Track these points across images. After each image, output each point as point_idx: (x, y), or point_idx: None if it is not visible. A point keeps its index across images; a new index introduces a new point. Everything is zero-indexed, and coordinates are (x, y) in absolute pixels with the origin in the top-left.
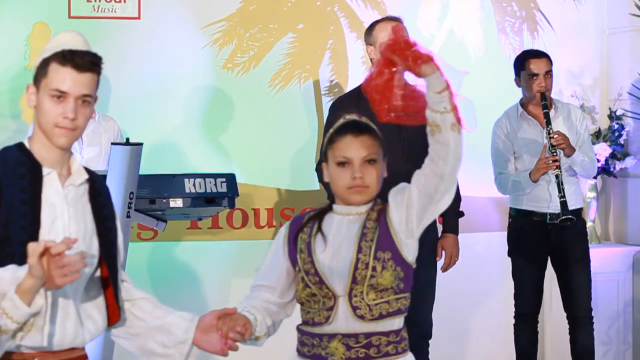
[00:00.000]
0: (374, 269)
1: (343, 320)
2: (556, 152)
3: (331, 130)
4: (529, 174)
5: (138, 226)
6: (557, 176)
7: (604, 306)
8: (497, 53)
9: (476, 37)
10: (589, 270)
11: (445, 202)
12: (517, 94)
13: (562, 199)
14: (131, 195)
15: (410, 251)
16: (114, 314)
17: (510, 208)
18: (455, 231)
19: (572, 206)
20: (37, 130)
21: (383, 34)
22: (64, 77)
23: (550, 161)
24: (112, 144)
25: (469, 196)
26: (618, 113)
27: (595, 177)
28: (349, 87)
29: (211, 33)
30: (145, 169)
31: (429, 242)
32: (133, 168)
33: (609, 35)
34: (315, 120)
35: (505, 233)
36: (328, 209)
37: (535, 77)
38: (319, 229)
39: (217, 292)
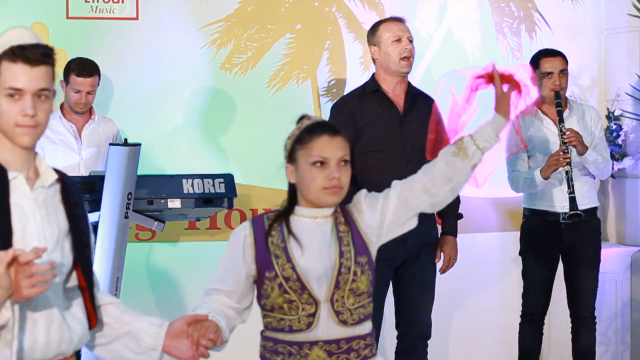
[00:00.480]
0: (355, 273)
1: (324, 327)
2: (568, 149)
3: (300, 131)
4: (540, 170)
5: (136, 227)
6: (567, 172)
7: (602, 306)
8: (495, 53)
9: (474, 37)
10: (597, 271)
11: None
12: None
13: (570, 195)
14: (129, 196)
15: (374, 256)
16: (92, 318)
17: (525, 208)
18: (454, 233)
19: (585, 205)
20: None
21: (388, 34)
22: (17, 74)
23: (561, 158)
24: (110, 144)
25: (467, 197)
26: (616, 114)
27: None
28: (347, 87)
29: (209, 33)
30: (144, 169)
31: (429, 243)
32: (131, 168)
33: (607, 35)
34: None
35: (503, 234)
36: (289, 211)
37: (549, 76)
38: (291, 233)
39: None
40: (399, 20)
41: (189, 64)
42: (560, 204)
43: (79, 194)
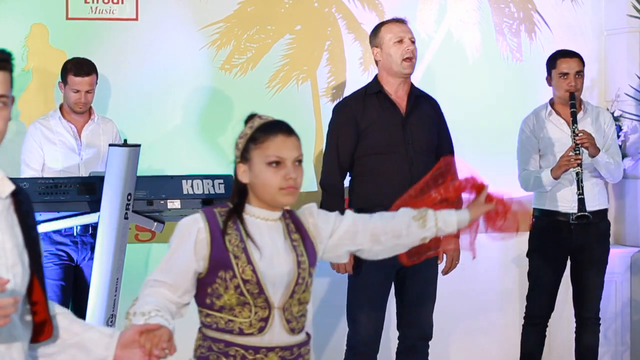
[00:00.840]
0: (306, 284)
1: (276, 333)
2: (579, 150)
3: (253, 130)
4: (551, 170)
5: (136, 227)
6: (577, 173)
7: (601, 307)
8: (494, 54)
9: (474, 38)
10: (604, 273)
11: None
12: (515, 95)
13: (580, 196)
14: (129, 197)
15: None
16: (48, 328)
17: (534, 209)
18: (456, 234)
19: (595, 207)
20: None
21: (389, 36)
22: None
23: (573, 159)
24: (110, 145)
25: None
26: (616, 114)
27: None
28: (347, 88)
29: (209, 34)
30: (143, 170)
31: None
32: (131, 169)
33: (607, 36)
34: (312, 122)
35: (504, 234)
36: (238, 209)
37: (565, 77)
38: (249, 235)
39: None
40: (400, 21)
41: (189, 64)
42: (570, 204)
43: (30, 202)
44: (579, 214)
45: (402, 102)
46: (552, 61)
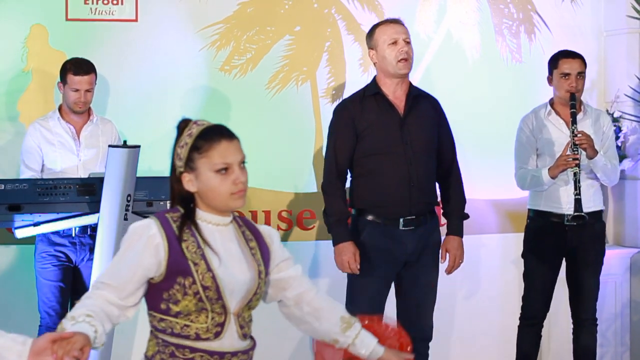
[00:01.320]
0: (262, 293)
1: (230, 338)
2: (578, 150)
3: (194, 138)
4: (548, 169)
5: None
6: (575, 174)
7: (601, 308)
8: (494, 55)
9: (473, 39)
10: (599, 274)
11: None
12: (514, 96)
13: (576, 196)
14: (129, 198)
15: None
16: None
17: (529, 209)
18: (459, 233)
19: (591, 208)
20: None
21: (384, 38)
22: None
23: (571, 159)
24: (110, 146)
25: (467, 198)
26: (615, 115)
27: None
28: (347, 89)
29: (208, 35)
30: (143, 171)
31: (432, 244)
32: (130, 170)
33: (606, 37)
34: (312, 123)
35: (503, 235)
36: (191, 215)
37: (567, 77)
38: (206, 242)
39: None
40: (395, 21)
41: (189, 65)
42: (565, 205)
43: None
44: (575, 214)
45: (400, 103)
46: (554, 61)
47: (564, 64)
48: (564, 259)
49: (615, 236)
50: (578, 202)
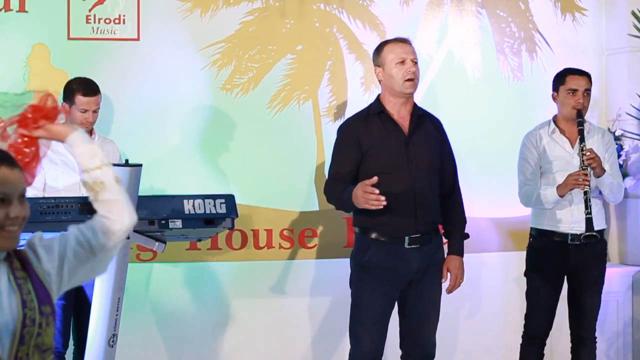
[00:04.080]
0: (40, 325)
1: None
2: (587, 168)
3: None
4: (557, 188)
5: (137, 247)
6: (585, 192)
7: (603, 326)
8: (495, 74)
9: (475, 58)
10: (601, 293)
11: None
12: (516, 115)
13: (588, 216)
14: None
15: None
16: None
17: (531, 228)
18: (460, 253)
19: (595, 227)
20: None
21: (391, 56)
22: None
23: (581, 178)
24: (112, 165)
25: (468, 217)
26: (617, 133)
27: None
28: (348, 108)
29: (210, 54)
30: (145, 190)
31: (435, 263)
32: (132, 189)
33: (608, 56)
34: (314, 142)
35: (505, 254)
36: None
37: (574, 93)
38: None
39: (217, 313)
40: (404, 41)
41: (190, 84)
42: (569, 225)
43: None
44: (587, 233)
45: (404, 122)
46: (561, 78)
47: (572, 80)
48: (565, 277)
49: (618, 254)
50: (589, 222)
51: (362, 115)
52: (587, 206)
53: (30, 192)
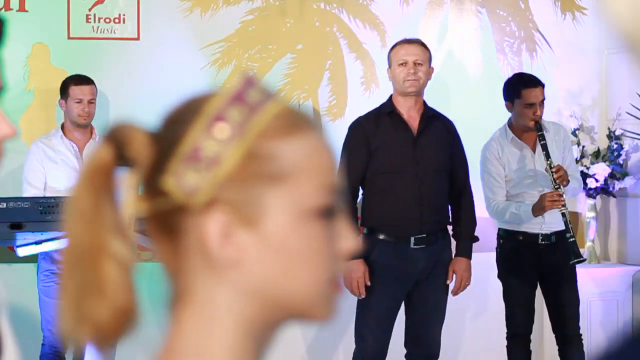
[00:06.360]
0: None
1: None
2: (560, 187)
3: None
4: (532, 209)
5: (137, 247)
6: (563, 214)
7: (603, 326)
8: (495, 73)
9: (475, 57)
10: (577, 288)
11: None
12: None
13: (571, 239)
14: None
15: None
16: None
17: (500, 229)
18: (467, 255)
19: (557, 228)
20: None
21: (396, 58)
22: None
23: (555, 198)
24: None
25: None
26: (617, 133)
27: (594, 197)
28: (348, 107)
29: (210, 54)
30: None
31: (442, 264)
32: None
33: (608, 55)
34: None
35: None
36: None
37: (531, 107)
38: None
39: None
40: (409, 42)
41: (190, 84)
42: (538, 225)
43: None
44: (575, 260)
45: (414, 122)
46: (516, 90)
47: (528, 93)
48: (539, 278)
49: (618, 254)
50: (573, 245)
51: (373, 114)
52: (569, 229)
53: (31, 192)
